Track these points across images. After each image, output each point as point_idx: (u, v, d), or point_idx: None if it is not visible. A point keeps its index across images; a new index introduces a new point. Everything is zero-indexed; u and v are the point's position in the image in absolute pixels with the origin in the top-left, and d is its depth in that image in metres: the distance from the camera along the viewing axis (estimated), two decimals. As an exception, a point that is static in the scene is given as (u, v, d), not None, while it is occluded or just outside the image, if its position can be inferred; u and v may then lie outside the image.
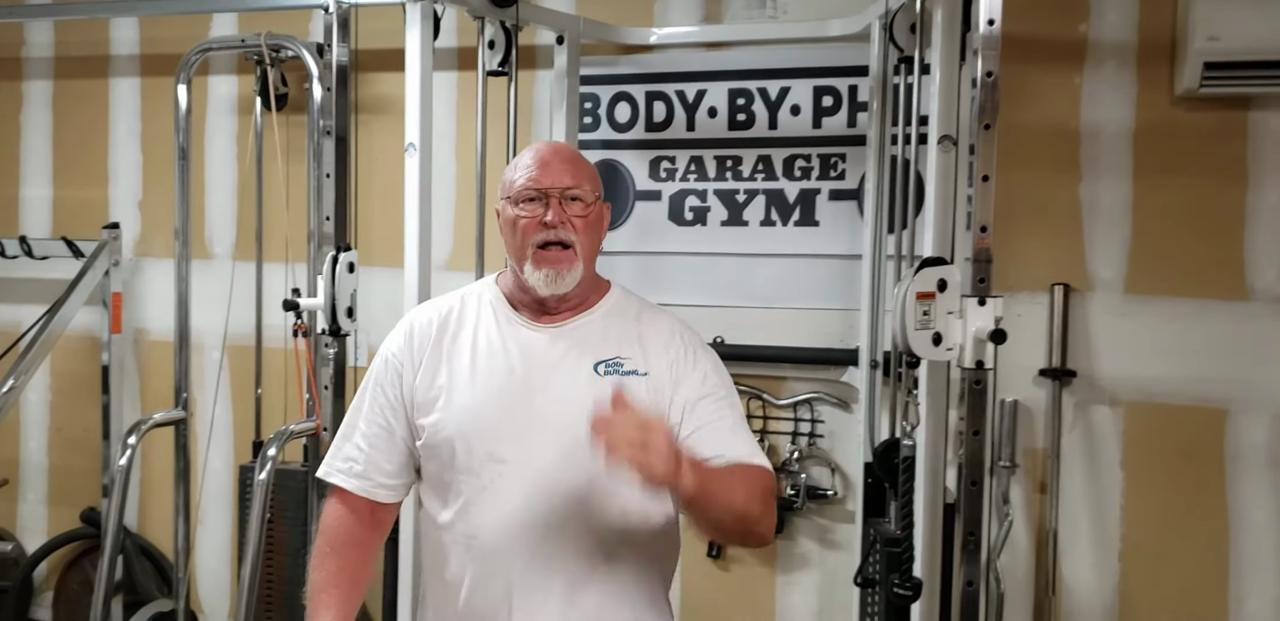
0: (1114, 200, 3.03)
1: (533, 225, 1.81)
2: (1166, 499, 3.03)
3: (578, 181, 1.83)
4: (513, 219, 1.84)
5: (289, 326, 3.23)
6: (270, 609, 3.60)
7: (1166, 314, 3.01)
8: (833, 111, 3.28)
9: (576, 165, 1.86)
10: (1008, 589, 3.07)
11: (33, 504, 4.25)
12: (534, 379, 1.82)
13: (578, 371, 1.82)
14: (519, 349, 1.85)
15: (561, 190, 1.81)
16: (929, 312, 2.21)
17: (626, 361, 1.84)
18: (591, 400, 1.74)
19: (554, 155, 1.86)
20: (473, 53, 3.17)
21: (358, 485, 1.89)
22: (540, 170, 1.83)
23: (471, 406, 1.81)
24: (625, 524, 1.81)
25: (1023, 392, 3.11)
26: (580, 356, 1.83)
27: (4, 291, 4.22)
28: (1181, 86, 2.91)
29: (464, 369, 1.84)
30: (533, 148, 1.90)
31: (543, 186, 1.81)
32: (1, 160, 4.23)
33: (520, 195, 1.82)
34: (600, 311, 1.90)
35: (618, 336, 1.87)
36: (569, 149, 1.93)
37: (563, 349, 1.84)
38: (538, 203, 1.81)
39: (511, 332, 1.87)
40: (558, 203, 1.81)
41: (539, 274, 1.80)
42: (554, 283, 1.81)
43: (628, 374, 1.82)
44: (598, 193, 1.87)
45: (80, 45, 4.11)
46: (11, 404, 3.42)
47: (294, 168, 3.64)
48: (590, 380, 1.81)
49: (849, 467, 3.31)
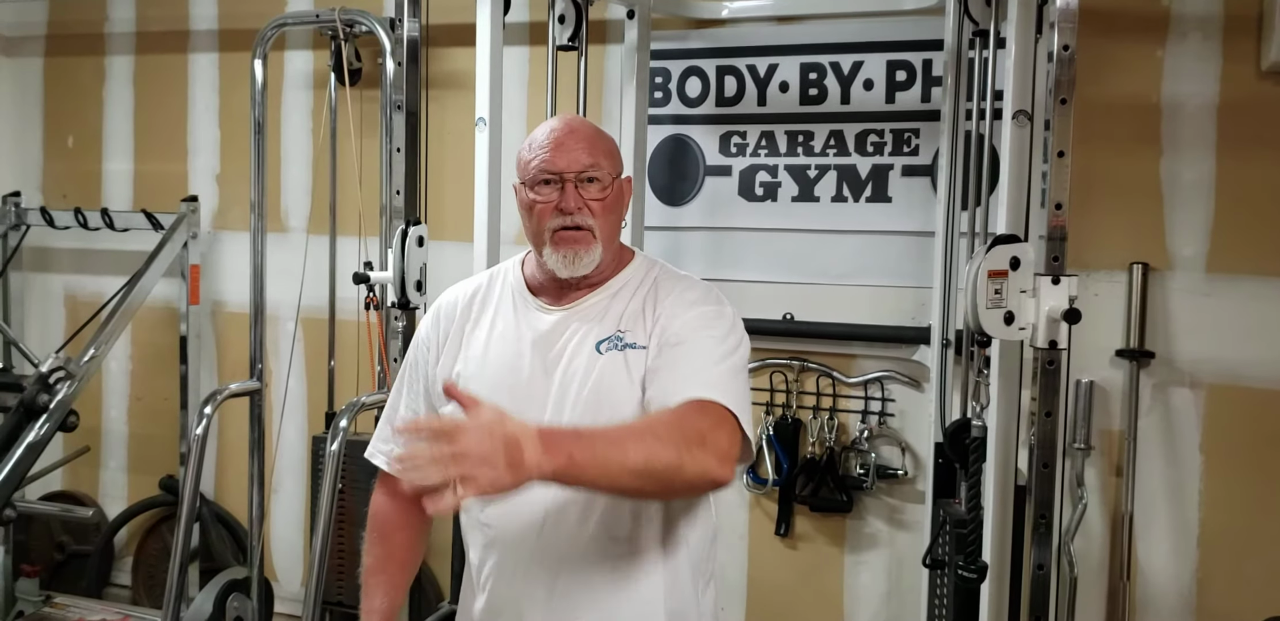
0: (1196, 176, 2.95)
1: (548, 210, 1.75)
2: (1248, 484, 2.96)
3: (594, 161, 1.76)
4: (529, 203, 1.77)
5: (361, 299, 3.27)
6: (341, 578, 3.66)
7: (1250, 294, 2.93)
8: (906, 86, 3.23)
9: (593, 143, 1.78)
10: (1081, 573, 3.02)
11: (114, 471, 4.36)
12: (540, 364, 1.77)
13: (580, 353, 1.76)
14: (530, 334, 1.80)
15: (577, 173, 1.74)
16: (1001, 291, 2.17)
17: (626, 334, 1.75)
18: (591, 380, 1.73)
19: (569, 133, 1.78)
20: (543, 27, 3.16)
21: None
22: (554, 151, 1.75)
23: (478, 386, 1.75)
24: (637, 509, 1.75)
25: (1099, 373, 3.05)
26: (585, 337, 1.77)
27: (86, 262, 4.31)
28: (1269, 60, 2.82)
29: (477, 356, 1.82)
30: (547, 125, 1.81)
31: (557, 169, 1.74)
32: (85, 134, 4.32)
33: (535, 178, 1.76)
34: (612, 289, 1.82)
35: (625, 310, 1.79)
36: (585, 124, 1.84)
37: (570, 331, 1.78)
38: (553, 186, 1.75)
39: (525, 318, 1.83)
40: (573, 186, 1.74)
41: (557, 255, 1.75)
42: (573, 263, 1.75)
43: (627, 347, 1.74)
44: (616, 170, 1.80)
45: (160, 20, 4.17)
46: (93, 373, 3.49)
47: (368, 142, 3.67)
48: (591, 360, 1.75)
49: (920, 447, 3.27)
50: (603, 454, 1.42)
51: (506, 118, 2.83)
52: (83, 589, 4.15)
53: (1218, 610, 3.00)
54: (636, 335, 1.76)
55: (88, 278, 4.33)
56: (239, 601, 3.74)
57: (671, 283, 1.83)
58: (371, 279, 2.84)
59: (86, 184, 4.31)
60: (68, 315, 4.37)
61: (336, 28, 3.45)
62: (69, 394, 3.29)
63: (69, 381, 3.30)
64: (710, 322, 1.75)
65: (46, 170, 4.40)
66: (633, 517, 1.75)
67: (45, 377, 3.27)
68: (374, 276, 2.83)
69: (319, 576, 2.92)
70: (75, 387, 3.31)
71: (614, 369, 1.74)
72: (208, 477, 4.05)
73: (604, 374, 1.73)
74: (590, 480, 1.45)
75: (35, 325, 4.41)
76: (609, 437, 1.47)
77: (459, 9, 2.99)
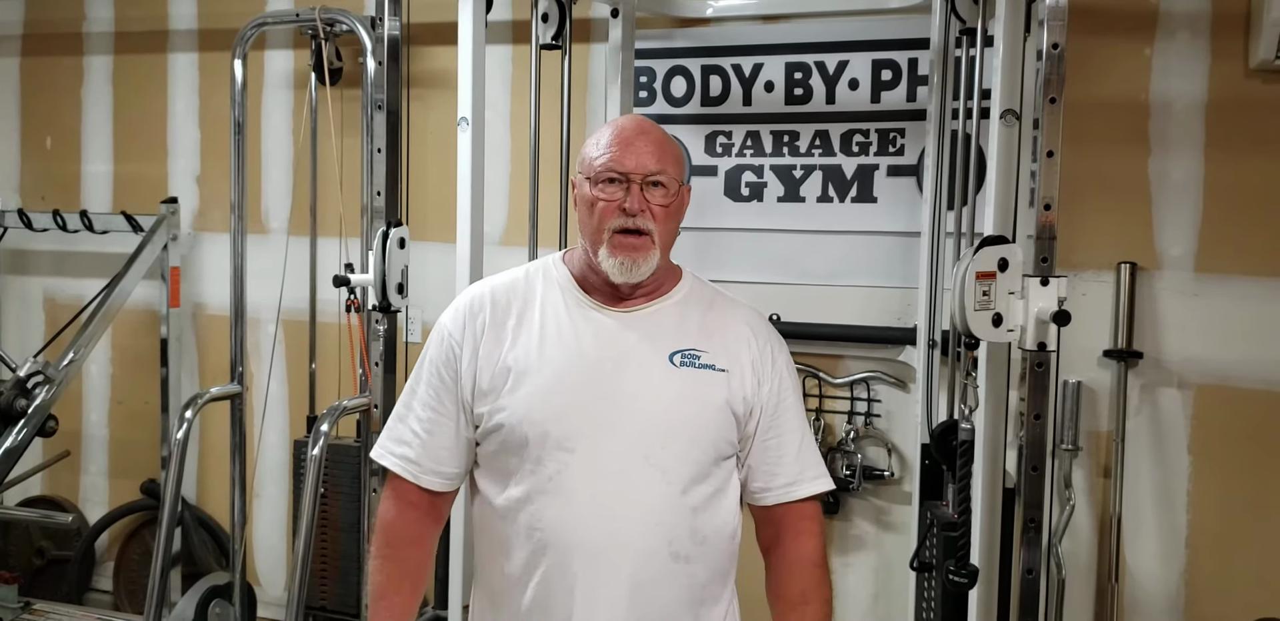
0: (1184, 176, 2.94)
1: (610, 210, 1.71)
2: (1236, 485, 2.95)
3: (662, 166, 1.72)
4: (590, 199, 1.73)
5: (342, 302, 3.23)
6: (324, 582, 3.64)
7: (1239, 294, 2.92)
8: (892, 85, 3.21)
9: (662, 147, 1.74)
10: (1069, 574, 3.01)
11: (94, 475, 4.32)
12: (605, 366, 1.73)
13: (652, 361, 1.74)
14: (591, 334, 1.75)
15: (644, 176, 1.70)
16: (989, 293, 2.15)
17: (703, 354, 1.76)
18: (667, 392, 1.72)
19: (639, 135, 1.74)
20: (526, 26, 3.15)
21: (414, 471, 1.80)
22: (623, 150, 1.71)
23: (541, 392, 1.72)
24: (695, 523, 1.74)
25: (1086, 374, 3.04)
26: (655, 345, 1.75)
27: (65, 265, 4.27)
28: (1257, 58, 2.81)
29: (531, 352, 1.74)
30: (616, 124, 1.78)
31: (625, 169, 1.70)
32: (63, 135, 4.28)
33: (600, 176, 1.72)
34: (675, 299, 1.81)
35: (694, 326, 1.79)
36: (655, 128, 1.79)
37: (636, 337, 1.75)
38: (617, 186, 1.71)
39: (582, 316, 1.77)
40: (639, 188, 1.70)
41: (613, 261, 1.70)
42: (629, 270, 1.71)
43: (704, 367, 1.75)
44: (681, 177, 1.77)
45: (139, 20, 4.13)
46: (73, 377, 3.46)
47: (349, 142, 3.64)
48: (666, 371, 1.74)
49: (906, 448, 3.26)
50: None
51: (489, 117, 2.81)
52: (63, 595, 4.11)
53: (1206, 611, 2.99)
54: (716, 357, 1.77)
55: (67, 280, 4.28)
56: (221, 606, 3.71)
57: (737, 311, 1.88)
58: (352, 281, 2.79)
59: (65, 185, 4.27)
60: (47, 318, 4.33)
61: (317, 27, 3.42)
62: (48, 398, 3.25)
63: (48, 386, 3.26)
64: (795, 380, 1.87)
65: (24, 171, 4.36)
66: (690, 530, 1.74)
67: (23, 382, 3.23)
68: (355, 279, 2.79)
69: (302, 581, 2.90)
70: (54, 392, 3.28)
71: (692, 387, 1.74)
72: (189, 482, 4.02)
73: (681, 389, 1.73)
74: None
75: (13, 329, 4.36)
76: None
77: (441, 7, 2.97)
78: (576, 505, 1.70)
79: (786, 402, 1.82)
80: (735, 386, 1.76)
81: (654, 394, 1.72)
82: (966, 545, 2.40)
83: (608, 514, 1.70)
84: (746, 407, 1.77)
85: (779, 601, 1.84)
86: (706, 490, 1.75)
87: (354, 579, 3.54)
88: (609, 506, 1.70)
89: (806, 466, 1.83)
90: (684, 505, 1.73)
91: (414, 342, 3.60)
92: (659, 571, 1.72)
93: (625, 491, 1.70)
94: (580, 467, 1.70)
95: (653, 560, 1.72)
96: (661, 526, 1.72)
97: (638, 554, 1.71)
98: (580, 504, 1.69)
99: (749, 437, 1.80)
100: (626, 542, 1.70)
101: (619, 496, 1.70)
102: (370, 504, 2.93)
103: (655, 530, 1.71)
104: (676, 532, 1.73)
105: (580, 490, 1.70)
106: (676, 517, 1.72)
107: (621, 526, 1.70)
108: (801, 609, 1.81)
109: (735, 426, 1.77)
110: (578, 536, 1.70)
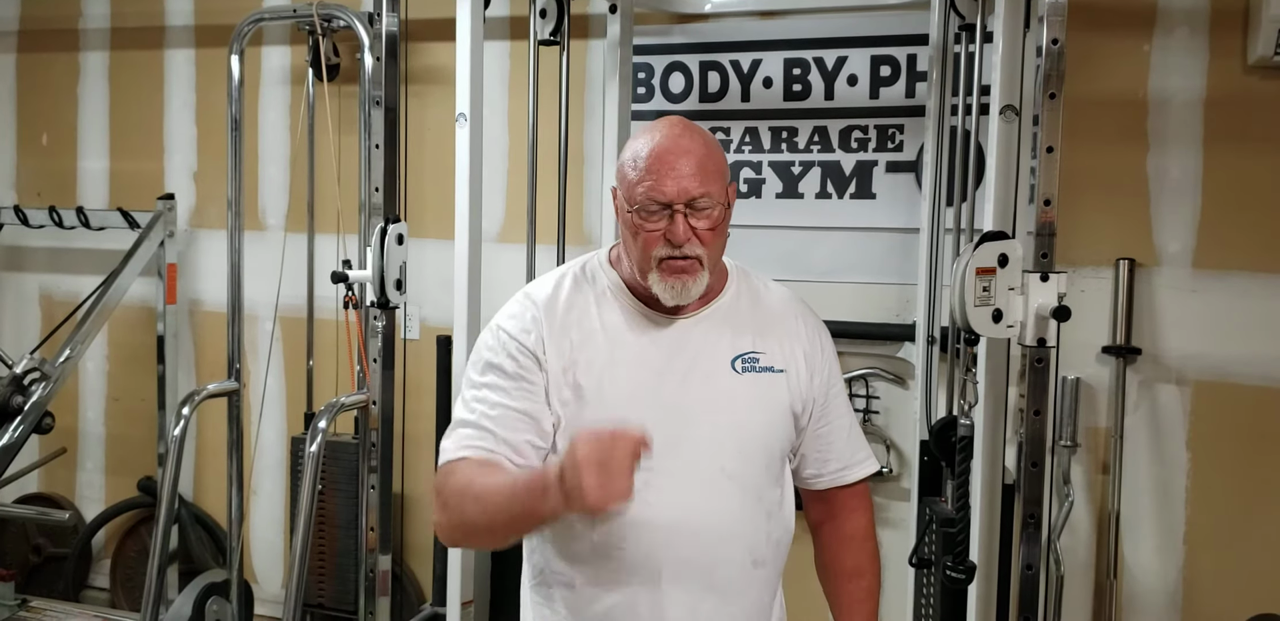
0: (1183, 172, 2.94)
1: (655, 239, 1.62)
2: (1235, 482, 2.95)
3: (705, 189, 1.61)
4: (634, 226, 1.64)
5: (340, 298, 3.23)
6: (322, 579, 3.63)
7: (1237, 290, 2.92)
8: (890, 81, 3.21)
9: (703, 165, 1.63)
10: (1068, 570, 3.01)
11: (91, 472, 4.31)
12: (672, 375, 1.69)
13: (715, 367, 1.71)
14: (652, 342, 1.70)
15: (687, 202, 1.61)
16: (989, 289, 2.14)
17: (762, 356, 1.74)
18: (735, 402, 1.71)
19: (679, 155, 1.62)
20: (524, 22, 3.14)
21: (490, 449, 1.64)
22: (663, 176, 1.60)
23: (613, 405, 1.66)
24: (770, 527, 1.75)
25: (1085, 370, 3.04)
26: (716, 352, 1.72)
27: (62, 262, 4.26)
28: (1255, 54, 2.81)
29: (596, 362, 1.68)
30: (652, 137, 1.65)
31: (667, 199, 1.60)
32: (59, 132, 4.27)
33: (643, 206, 1.62)
34: (726, 299, 1.77)
35: (748, 325, 1.76)
36: (694, 141, 1.65)
37: (697, 344, 1.72)
38: (660, 214, 1.62)
39: (641, 327, 1.71)
40: (683, 217, 1.61)
41: (664, 285, 1.64)
42: (679, 294, 1.65)
43: (764, 370, 1.73)
44: (725, 189, 1.67)
45: (135, 16, 4.12)
46: (69, 374, 3.45)
47: (346, 138, 3.63)
48: (730, 379, 1.71)
49: (905, 444, 3.25)
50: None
51: (487, 113, 2.81)
52: (60, 592, 4.11)
53: (1204, 607, 2.99)
54: (773, 357, 1.75)
55: (63, 277, 4.27)
56: (218, 603, 3.70)
57: (781, 300, 1.86)
58: (350, 277, 2.79)
59: (61, 182, 4.25)
60: (43, 315, 4.32)
61: (314, 23, 3.41)
62: (44, 395, 3.25)
63: (44, 382, 3.26)
64: (837, 363, 1.88)
65: (20, 168, 4.34)
66: (765, 537, 1.75)
67: (20, 379, 3.22)
68: (353, 275, 2.79)
69: (299, 578, 2.89)
70: (51, 389, 3.27)
71: (757, 393, 1.73)
72: (186, 479, 4.02)
73: (748, 397, 1.72)
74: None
75: (9, 325, 4.36)
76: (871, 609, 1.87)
77: (438, 3, 2.96)
78: (658, 524, 1.66)
79: (835, 389, 1.84)
80: (794, 386, 1.76)
81: (723, 404, 1.70)
82: (965, 541, 2.40)
83: (690, 530, 1.68)
84: (804, 405, 1.78)
85: (833, 575, 1.88)
86: (776, 493, 1.77)
87: (351, 576, 3.53)
88: (690, 523, 1.68)
89: (856, 449, 1.86)
90: (760, 512, 1.74)
91: (412, 339, 3.59)
92: (741, 580, 1.73)
93: (704, 506, 1.69)
94: (658, 484, 1.63)
95: (734, 569, 1.72)
96: (742, 537, 1.72)
97: (722, 566, 1.71)
98: (661, 522, 1.66)
99: (804, 429, 1.80)
100: (710, 557, 1.70)
101: (699, 511, 1.68)
102: (368, 501, 2.93)
103: (736, 541, 1.72)
104: (755, 539, 1.74)
105: (661, 509, 1.65)
106: (754, 525, 1.74)
107: (704, 541, 1.69)
108: (856, 581, 1.86)
109: (794, 426, 1.78)
110: (662, 554, 1.68)
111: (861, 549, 1.88)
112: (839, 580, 1.87)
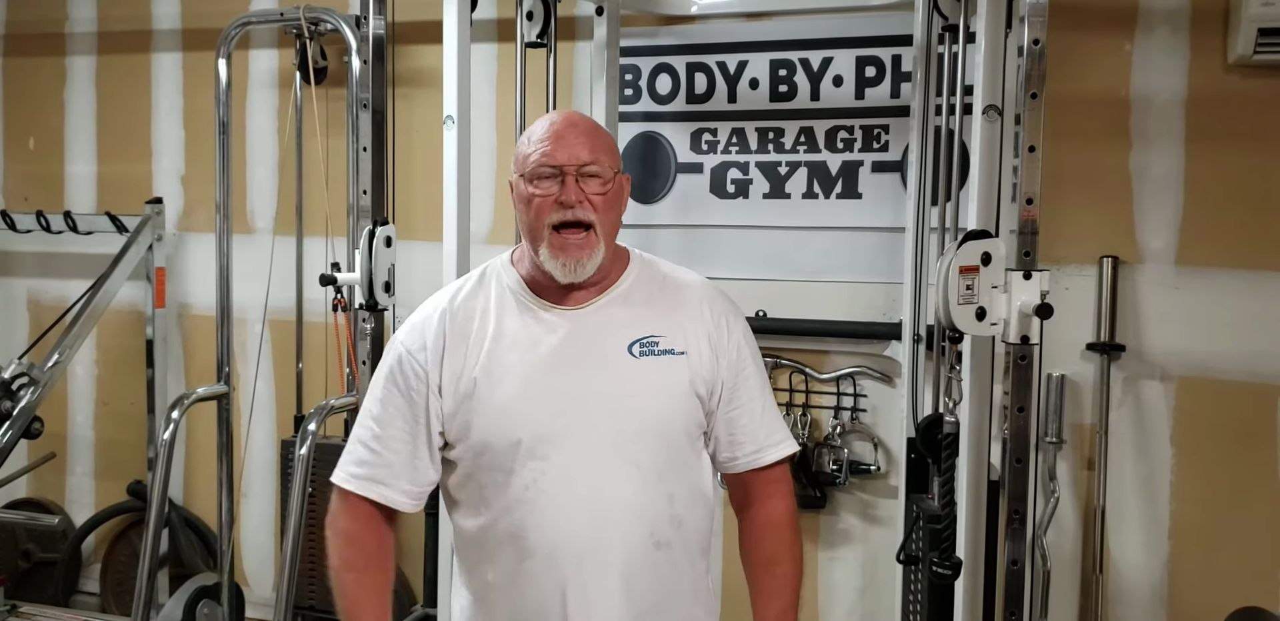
0: (1165, 170, 2.96)
1: (548, 204, 1.69)
2: (1218, 477, 2.97)
3: (595, 156, 1.71)
4: (527, 197, 1.71)
5: (329, 301, 3.23)
6: (313, 582, 3.63)
7: (1220, 286, 2.94)
8: (875, 82, 3.23)
9: (593, 138, 1.73)
10: (1054, 566, 3.02)
11: (80, 477, 4.30)
12: (568, 365, 1.73)
13: (612, 356, 1.74)
14: (548, 337, 1.74)
15: (578, 167, 1.69)
16: (972, 287, 2.16)
17: (661, 339, 1.76)
18: (631, 386, 1.73)
19: (569, 127, 1.73)
20: (511, 24, 3.15)
21: (381, 493, 1.78)
22: (554, 144, 1.70)
23: (505, 403, 1.71)
24: (673, 509, 1.76)
25: (1070, 367, 3.06)
26: (612, 339, 1.75)
27: (50, 266, 4.26)
28: (1235, 53, 2.83)
29: (491, 363, 1.74)
30: (546, 119, 1.77)
31: (558, 163, 1.69)
32: (46, 136, 4.26)
33: (534, 172, 1.70)
34: (624, 286, 1.80)
35: (647, 310, 1.79)
36: (585, 119, 1.79)
37: (593, 333, 1.75)
38: (552, 180, 1.70)
39: (536, 320, 1.76)
40: (574, 180, 1.69)
41: (556, 262, 1.70)
42: (573, 270, 1.70)
43: (664, 353, 1.76)
44: (616, 166, 1.76)
45: (122, 20, 4.12)
46: (58, 378, 3.45)
47: (334, 141, 3.63)
48: (627, 364, 1.74)
49: (892, 442, 3.27)
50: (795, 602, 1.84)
51: (475, 116, 2.81)
52: (49, 597, 4.09)
53: (1189, 602, 3.01)
54: (674, 340, 1.77)
55: (51, 281, 4.27)
56: (209, 607, 3.71)
57: (688, 287, 1.86)
58: (339, 280, 2.80)
59: (49, 186, 4.25)
60: (31, 319, 4.31)
61: (301, 26, 3.42)
62: (33, 400, 3.25)
63: (33, 387, 3.26)
64: (754, 347, 1.88)
65: (7, 172, 4.34)
66: (669, 517, 1.77)
67: (8, 383, 3.23)
68: (341, 278, 2.79)
69: (290, 581, 2.90)
70: (39, 393, 3.27)
71: (656, 376, 1.75)
72: (176, 482, 4.01)
73: (645, 380, 1.74)
74: None
75: (-2, 330, 4.35)
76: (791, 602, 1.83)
77: (425, 6, 2.97)
78: (557, 511, 1.71)
79: (746, 372, 1.84)
80: (695, 367, 1.77)
81: (619, 389, 1.72)
82: (951, 537, 2.41)
83: (588, 515, 1.71)
84: (709, 387, 1.79)
85: (751, 563, 1.88)
86: (680, 475, 1.78)
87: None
88: (589, 508, 1.71)
89: (770, 432, 1.86)
90: (661, 494, 1.75)
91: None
92: (643, 562, 1.74)
93: (603, 490, 1.72)
94: (555, 474, 1.71)
95: (636, 552, 1.74)
96: (642, 519, 1.74)
97: (622, 549, 1.73)
98: (560, 509, 1.71)
99: (713, 412, 1.81)
100: (610, 540, 1.72)
101: (598, 497, 1.72)
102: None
103: (637, 524, 1.74)
104: (657, 522, 1.75)
105: (559, 496, 1.71)
106: (655, 508, 1.75)
107: (603, 525, 1.72)
108: (772, 569, 1.85)
109: (700, 407, 1.79)
110: (562, 540, 1.71)
111: (779, 536, 1.85)
112: (756, 568, 1.87)
